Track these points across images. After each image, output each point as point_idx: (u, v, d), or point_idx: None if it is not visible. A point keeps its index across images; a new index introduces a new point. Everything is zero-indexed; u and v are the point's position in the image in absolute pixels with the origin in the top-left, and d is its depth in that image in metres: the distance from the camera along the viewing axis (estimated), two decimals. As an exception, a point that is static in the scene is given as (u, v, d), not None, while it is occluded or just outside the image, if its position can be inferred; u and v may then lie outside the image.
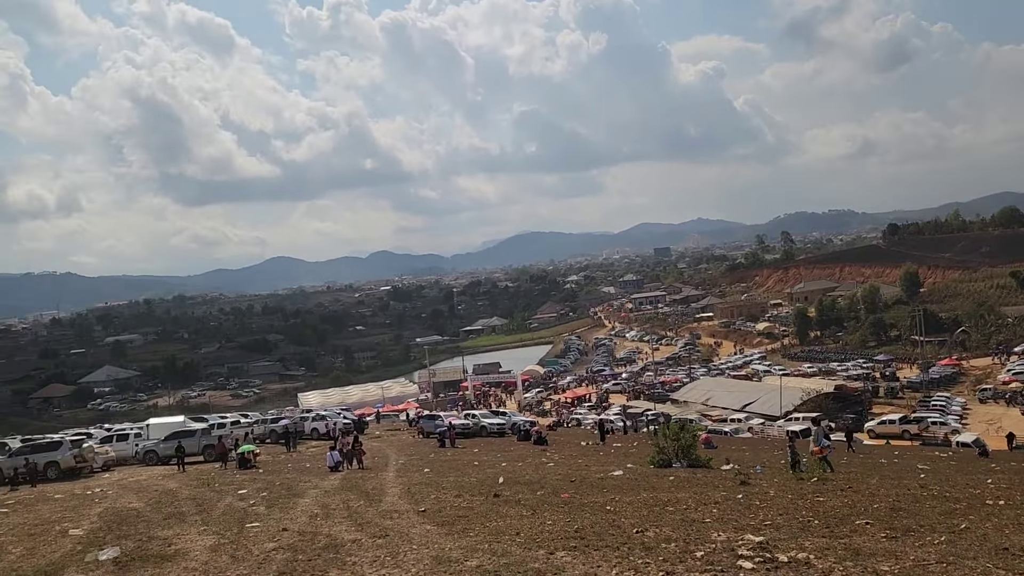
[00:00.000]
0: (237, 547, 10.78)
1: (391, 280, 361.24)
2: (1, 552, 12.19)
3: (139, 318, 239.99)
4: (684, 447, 23.09)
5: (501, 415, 52.64)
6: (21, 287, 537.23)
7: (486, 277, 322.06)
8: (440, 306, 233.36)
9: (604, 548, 9.14)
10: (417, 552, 9.45)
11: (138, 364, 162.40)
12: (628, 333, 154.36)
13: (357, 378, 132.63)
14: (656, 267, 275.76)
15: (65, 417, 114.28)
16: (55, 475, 29.33)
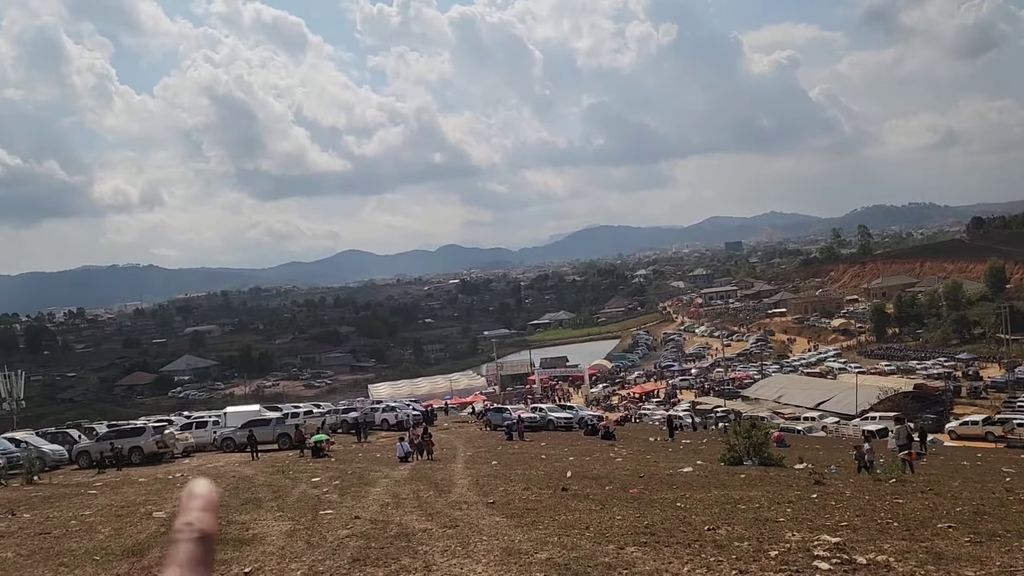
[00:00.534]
0: (312, 533, 11.04)
1: (459, 273, 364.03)
2: (91, 532, 12.76)
3: (217, 309, 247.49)
4: (756, 445, 22.70)
5: (568, 409, 52.60)
6: (107, 279, 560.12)
7: (553, 271, 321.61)
8: (508, 300, 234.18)
9: (675, 544, 9.06)
10: (487, 543, 9.52)
11: (216, 354, 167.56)
12: (698, 328, 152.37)
13: (426, 370, 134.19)
14: (727, 261, 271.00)
15: (147, 404, 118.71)
16: (139, 459, 30.53)
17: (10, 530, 13.70)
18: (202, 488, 0.75)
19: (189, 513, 0.71)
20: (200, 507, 0.72)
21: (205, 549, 0.71)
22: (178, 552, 0.71)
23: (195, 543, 0.71)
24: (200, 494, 0.74)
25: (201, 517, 0.71)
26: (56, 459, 31.91)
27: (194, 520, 0.70)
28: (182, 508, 0.74)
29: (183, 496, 0.75)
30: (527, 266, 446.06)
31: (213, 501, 0.74)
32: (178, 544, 0.71)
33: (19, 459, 27.85)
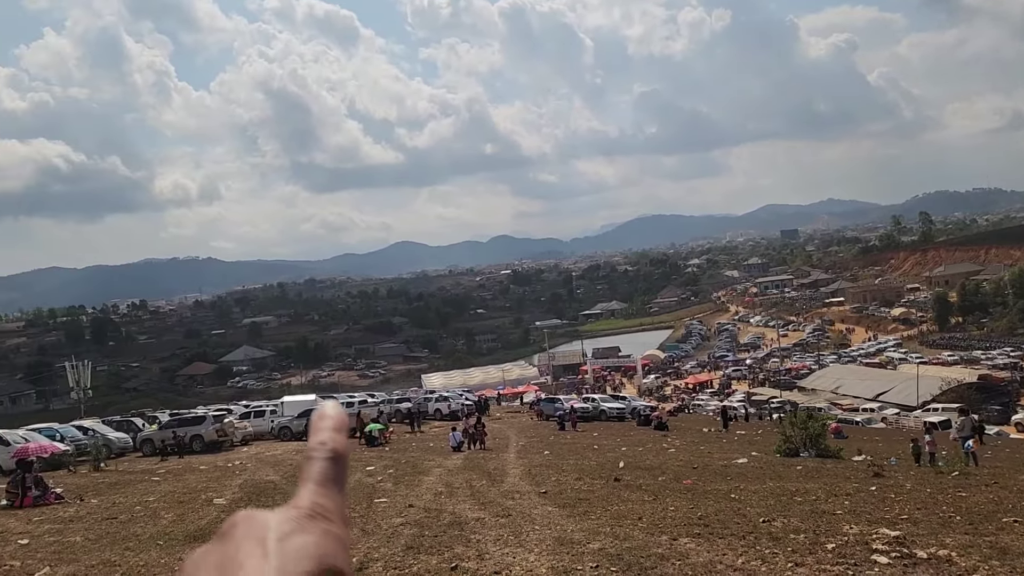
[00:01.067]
0: (367, 521, 11.20)
1: (511, 264, 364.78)
2: (155, 517, 13.15)
3: (273, 301, 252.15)
4: (812, 436, 22.34)
5: (621, 399, 52.40)
6: (168, 271, 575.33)
7: (605, 261, 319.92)
8: (559, 290, 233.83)
9: (729, 536, 8.96)
10: (539, 532, 9.55)
11: (272, 344, 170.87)
12: (752, 318, 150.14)
13: (478, 360, 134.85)
14: (783, 250, 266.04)
15: (207, 394, 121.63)
16: (199, 447, 31.33)
17: (79, 515, 14.20)
18: (332, 410, 0.77)
19: (321, 433, 0.74)
20: (331, 427, 0.74)
21: (338, 467, 0.74)
22: (312, 468, 0.73)
23: (328, 461, 0.73)
24: (331, 415, 0.76)
25: (333, 437, 0.73)
26: (121, 446, 32.95)
27: (327, 439, 0.73)
28: (314, 429, 0.75)
29: (314, 418, 0.77)
30: (579, 256, 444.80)
31: (344, 422, 0.76)
32: (312, 461, 0.73)
33: (87, 446, 28.82)
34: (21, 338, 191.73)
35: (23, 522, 13.51)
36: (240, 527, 0.70)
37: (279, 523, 0.70)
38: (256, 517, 0.70)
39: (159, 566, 8.85)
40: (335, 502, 0.72)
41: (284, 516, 0.70)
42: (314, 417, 0.76)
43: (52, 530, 12.36)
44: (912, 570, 7.34)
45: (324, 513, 0.71)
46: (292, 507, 0.70)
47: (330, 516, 0.71)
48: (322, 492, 0.72)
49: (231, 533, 0.70)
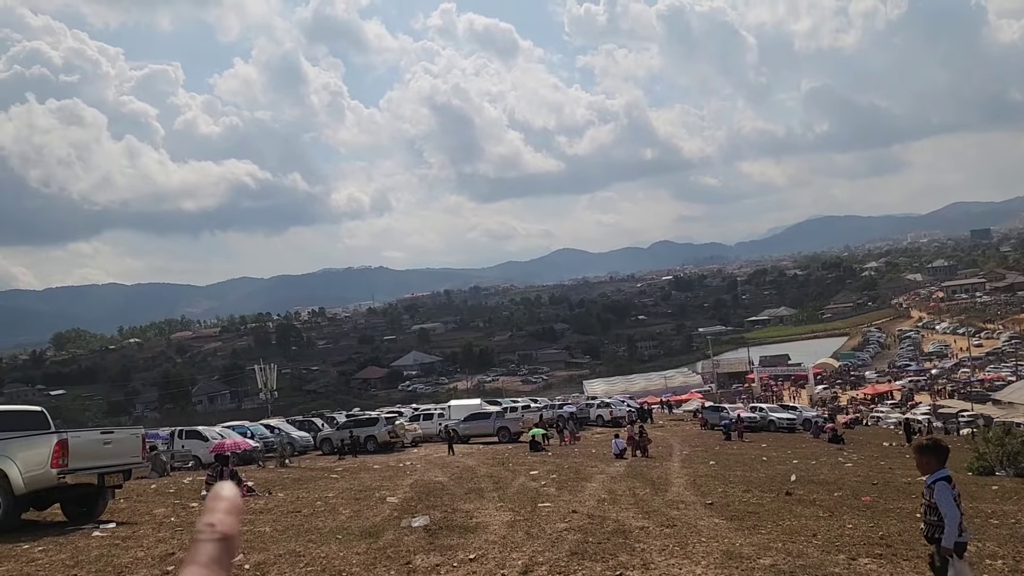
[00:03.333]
0: (531, 524, 11.35)
1: (672, 270, 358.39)
2: (334, 512, 13.94)
3: (440, 308, 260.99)
4: (1011, 453, 20.52)
5: (791, 409, 50.22)
6: (344, 280, 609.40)
7: (772, 265, 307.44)
8: (723, 295, 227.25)
9: (915, 559, 8.36)
10: (706, 545, 9.31)
11: (440, 350, 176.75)
12: (938, 325, 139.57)
13: (640, 367, 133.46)
14: (973, 251, 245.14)
15: (380, 397, 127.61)
16: (373, 448, 32.91)
17: (267, 507, 15.28)
18: (227, 491, 0.77)
19: (213, 515, 0.74)
20: (224, 510, 0.74)
21: (225, 550, 0.72)
22: (199, 552, 0.72)
23: (216, 544, 0.72)
24: (225, 497, 0.75)
25: (223, 519, 0.73)
26: (303, 445, 35.22)
27: (216, 522, 0.72)
28: (206, 509, 0.76)
29: (208, 497, 0.77)
30: (744, 260, 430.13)
31: (237, 505, 0.75)
32: (200, 544, 0.73)
33: (274, 444, 31.01)
34: (217, 343, 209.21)
35: (220, 512, 14.71)
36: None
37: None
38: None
39: (338, 558, 9.37)
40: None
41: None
42: (208, 497, 0.76)
43: (244, 520, 13.36)
44: None
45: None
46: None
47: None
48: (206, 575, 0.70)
49: None
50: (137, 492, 18.18)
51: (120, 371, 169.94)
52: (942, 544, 5.57)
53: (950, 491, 5.60)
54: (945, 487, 5.63)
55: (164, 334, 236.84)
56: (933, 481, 5.71)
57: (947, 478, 5.68)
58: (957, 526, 5.50)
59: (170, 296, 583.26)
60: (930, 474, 5.77)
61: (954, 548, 5.50)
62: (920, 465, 5.89)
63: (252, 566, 9.09)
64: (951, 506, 5.53)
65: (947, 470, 5.74)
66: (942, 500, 5.57)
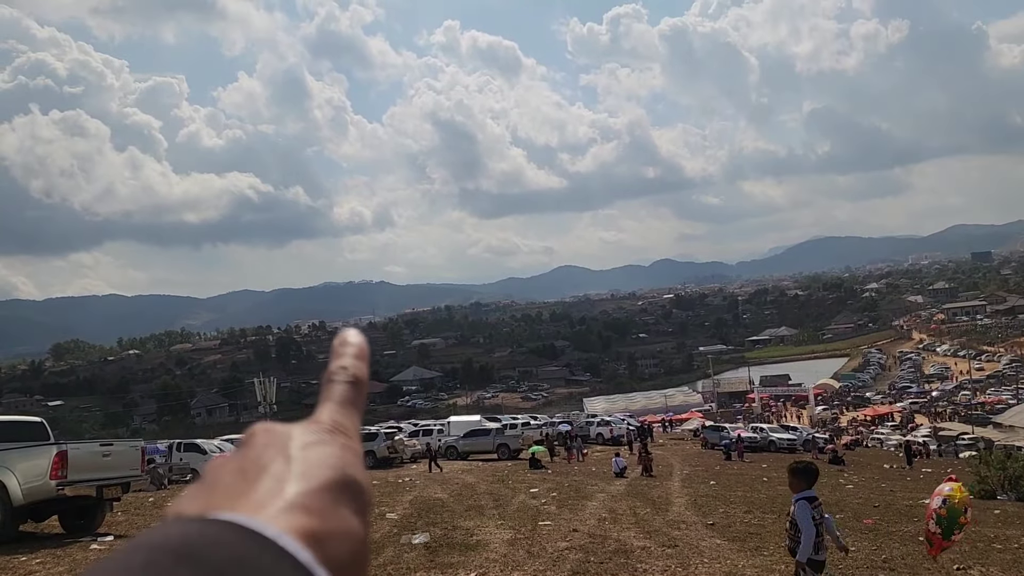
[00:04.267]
0: (532, 543, 11.28)
1: (674, 288, 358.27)
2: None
3: (441, 323, 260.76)
4: (1012, 477, 20.47)
5: (791, 430, 50.10)
6: (345, 294, 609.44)
7: (774, 285, 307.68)
8: (724, 315, 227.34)
9: (918, 583, 8.32)
10: (708, 566, 9.25)
11: (440, 365, 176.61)
12: (939, 347, 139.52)
13: (640, 385, 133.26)
14: (974, 273, 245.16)
15: (379, 411, 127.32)
16: (371, 463, 32.75)
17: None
18: (355, 337, 0.78)
19: (343, 359, 0.75)
20: (353, 354, 0.75)
21: (357, 391, 0.75)
22: (333, 390, 0.74)
23: (348, 385, 0.74)
24: (353, 342, 0.77)
25: (355, 363, 0.74)
26: (302, 459, 35.04)
27: (348, 364, 0.74)
28: (335, 354, 0.76)
29: (335, 343, 0.78)
30: (745, 280, 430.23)
31: (365, 350, 0.77)
32: (333, 384, 0.75)
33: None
34: (217, 355, 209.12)
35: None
36: (261, 436, 0.72)
37: (301, 434, 0.73)
38: (277, 428, 0.72)
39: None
40: (353, 422, 0.74)
41: (306, 428, 0.73)
42: (336, 343, 0.77)
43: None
44: None
45: (343, 430, 0.73)
46: (313, 422, 0.73)
47: (349, 433, 0.74)
48: (342, 412, 0.73)
49: (252, 442, 0.72)
50: (135, 505, 18.10)
51: (119, 383, 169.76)
52: (797, 558, 6.01)
53: (810, 510, 6.01)
54: (805, 506, 6.05)
55: (164, 346, 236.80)
56: (797, 499, 6.14)
57: (810, 498, 6.13)
58: (812, 542, 5.90)
59: (171, 308, 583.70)
60: (797, 493, 6.21)
61: (807, 563, 5.92)
62: (791, 485, 6.35)
63: (251, 581, 9.04)
64: (808, 523, 5.94)
65: (813, 491, 6.19)
66: (801, 517, 6.00)
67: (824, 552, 6.15)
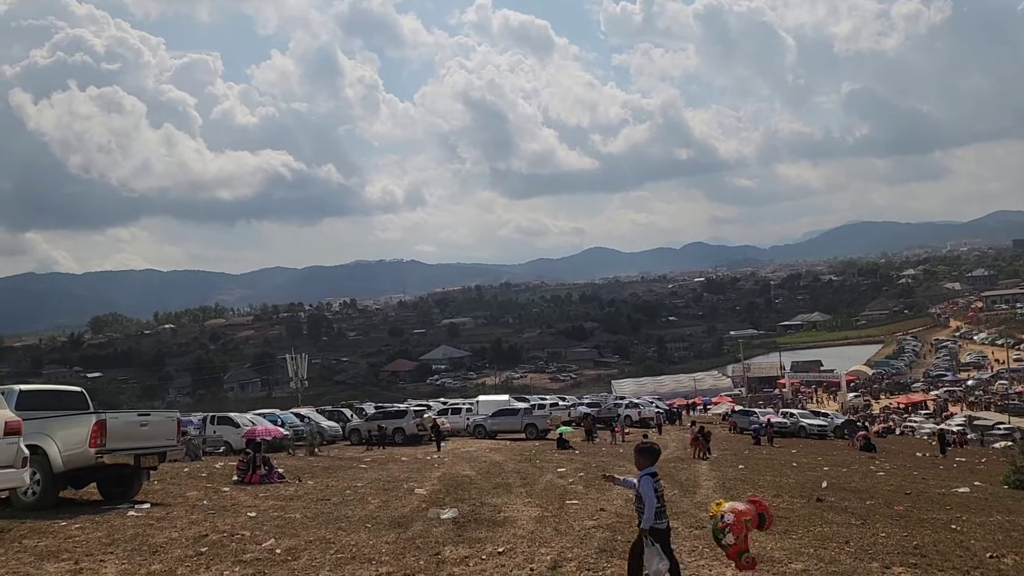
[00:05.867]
0: (559, 521, 11.35)
1: (705, 271, 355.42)
2: (363, 502, 14.05)
3: (471, 303, 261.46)
4: (1049, 468, 20.14)
5: (822, 416, 49.71)
6: (376, 272, 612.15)
7: (807, 270, 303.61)
8: (756, 299, 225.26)
9: (951, 569, 8.23)
10: (736, 547, 9.24)
11: (469, 345, 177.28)
12: (976, 335, 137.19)
13: (669, 368, 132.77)
14: (1014, 260, 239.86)
15: (408, 390, 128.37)
16: (400, 440, 33.13)
17: (298, 494, 15.45)
18: None
19: None
20: None
21: None
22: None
23: None
24: None
25: None
26: (332, 434, 35.56)
27: None
28: None
29: None
30: (778, 264, 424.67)
31: None
32: None
33: (304, 432, 31.35)
34: (250, 331, 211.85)
35: (251, 496, 14.89)
36: None
37: None
38: None
39: (367, 546, 9.44)
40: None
41: None
42: None
43: (275, 506, 13.53)
44: None
45: None
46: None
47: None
48: None
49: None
50: (171, 475, 18.46)
51: (155, 356, 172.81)
52: (641, 526, 6.84)
53: (652, 484, 6.79)
54: (649, 480, 6.82)
55: (198, 320, 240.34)
56: (642, 475, 6.89)
57: (652, 474, 6.90)
58: (654, 511, 6.70)
59: (205, 283, 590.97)
60: (642, 470, 6.95)
61: (649, 531, 6.73)
62: (636, 463, 7.09)
63: (283, 551, 9.20)
64: (650, 495, 6.73)
65: (655, 467, 6.97)
66: (644, 490, 6.78)
67: (666, 520, 6.89)
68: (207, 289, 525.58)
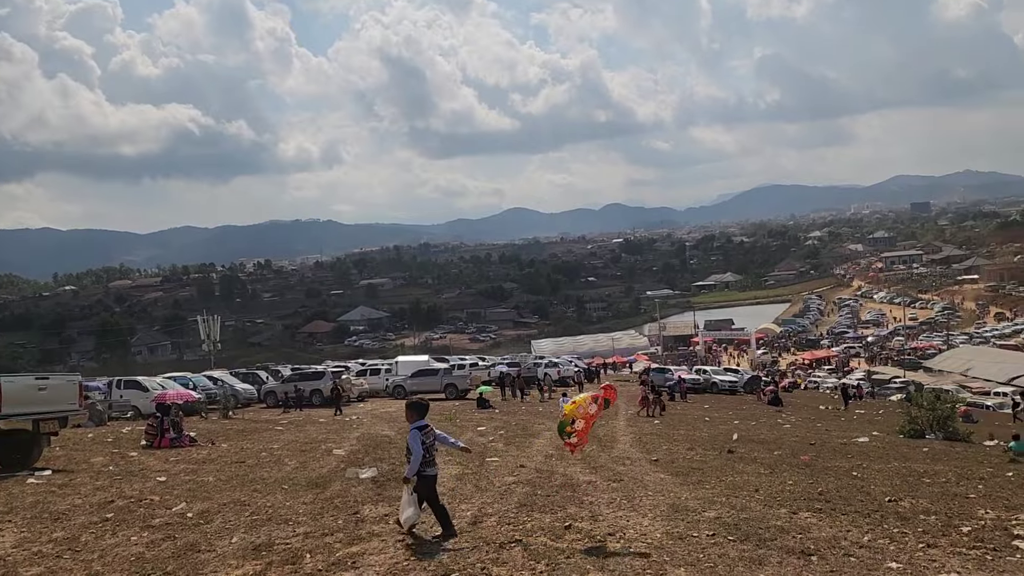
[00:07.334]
0: (479, 478, 11.38)
1: (623, 232, 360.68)
2: (280, 463, 13.80)
3: (389, 263, 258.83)
4: (940, 418, 21.30)
5: (733, 372, 51.36)
6: (291, 232, 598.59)
7: (720, 231, 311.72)
8: (672, 260, 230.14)
9: (853, 513, 8.61)
10: (653, 498, 9.44)
11: (388, 306, 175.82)
12: (876, 294, 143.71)
13: (588, 328, 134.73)
14: (912, 223, 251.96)
15: (326, 351, 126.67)
16: (318, 401, 32.71)
17: (211, 457, 15.07)
18: None
19: None
20: None
21: None
22: None
23: None
24: None
25: None
26: (247, 397, 34.81)
27: None
28: None
29: None
30: (693, 226, 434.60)
31: None
32: None
33: (217, 396, 30.57)
34: (158, 292, 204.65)
35: (161, 461, 14.45)
36: None
37: None
38: None
39: (284, 508, 9.26)
40: None
41: None
42: None
43: (187, 470, 13.16)
44: (1060, 561, 6.84)
45: None
46: None
47: None
48: None
49: None
50: (74, 441, 17.76)
51: (55, 319, 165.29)
52: (405, 475, 7.40)
53: (420, 436, 7.33)
54: (417, 434, 7.36)
55: (102, 282, 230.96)
56: (412, 429, 7.41)
57: (421, 427, 7.42)
58: (419, 462, 7.26)
59: (109, 243, 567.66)
60: (412, 424, 7.46)
61: (415, 479, 7.30)
62: (407, 417, 7.65)
63: (195, 515, 8.94)
64: (417, 447, 7.28)
65: (424, 421, 7.50)
66: (412, 443, 7.32)
67: (434, 468, 7.46)
68: (111, 249, 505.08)
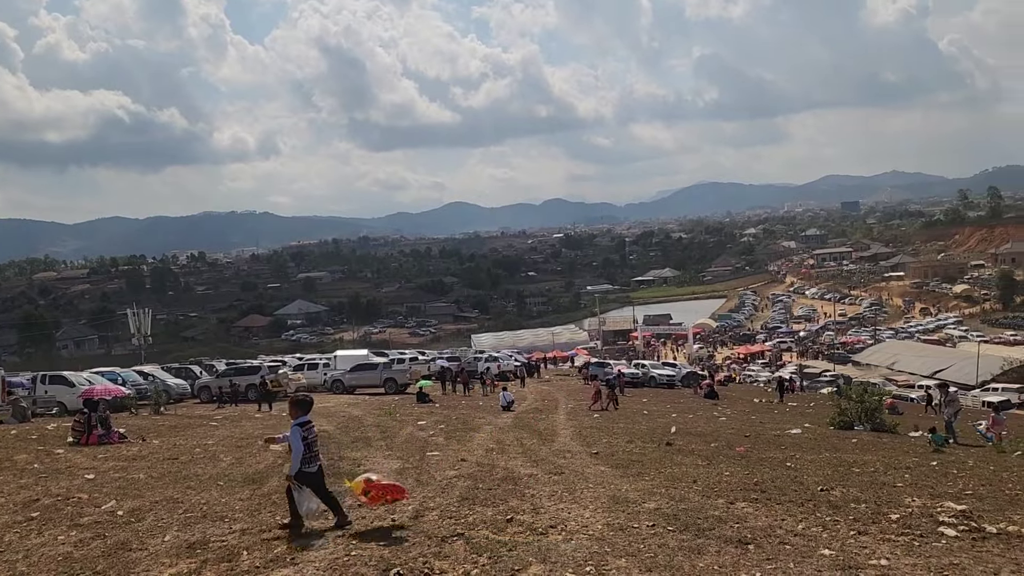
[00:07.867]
0: (420, 472, 11.31)
1: (564, 228, 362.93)
2: (215, 459, 13.49)
3: (328, 257, 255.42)
4: (868, 410, 22.02)
5: (671, 366, 52.16)
6: (226, 224, 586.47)
7: (659, 227, 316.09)
8: (612, 255, 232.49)
9: (787, 503, 8.81)
10: (593, 490, 9.52)
11: (326, 300, 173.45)
12: (808, 290, 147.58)
13: (528, 323, 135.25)
14: (842, 222, 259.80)
15: (262, 345, 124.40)
16: (254, 396, 32.05)
17: (142, 454, 14.65)
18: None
19: None
20: None
21: None
22: None
23: None
24: None
25: None
26: (180, 392, 33.90)
27: None
28: None
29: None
30: (632, 222, 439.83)
31: None
32: None
33: (147, 391, 29.72)
34: (85, 285, 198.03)
35: (89, 458, 13.98)
36: None
37: None
38: None
39: (219, 504, 9.05)
40: None
41: None
42: None
43: (116, 467, 12.77)
44: (982, 544, 7.12)
45: None
46: None
47: None
48: None
49: None
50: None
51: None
52: (288, 472, 7.34)
53: (300, 433, 7.30)
54: (297, 430, 7.33)
55: (25, 273, 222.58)
56: (293, 425, 7.39)
57: (302, 424, 7.38)
58: (299, 459, 7.24)
59: (32, 233, 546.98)
60: (294, 420, 7.42)
61: (296, 476, 7.25)
62: (290, 413, 7.56)
63: (126, 513, 8.67)
64: (297, 444, 7.26)
65: (307, 417, 7.48)
66: (293, 439, 7.31)
67: (316, 464, 7.45)
68: (36, 240, 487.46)
